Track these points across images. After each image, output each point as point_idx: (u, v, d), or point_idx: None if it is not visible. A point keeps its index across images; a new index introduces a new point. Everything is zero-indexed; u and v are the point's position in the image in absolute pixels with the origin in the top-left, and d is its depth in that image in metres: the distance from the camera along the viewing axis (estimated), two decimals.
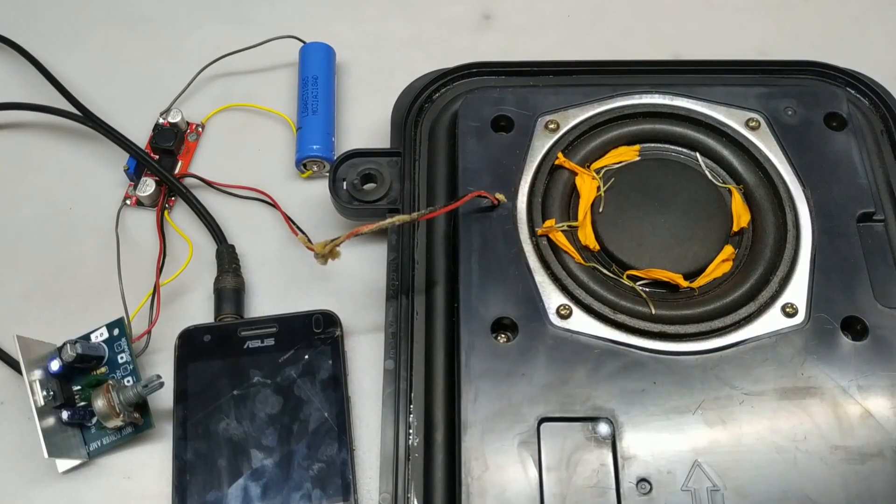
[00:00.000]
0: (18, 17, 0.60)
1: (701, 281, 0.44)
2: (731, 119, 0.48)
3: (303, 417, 0.43)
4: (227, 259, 0.48)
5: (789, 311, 0.42)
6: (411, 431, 0.41)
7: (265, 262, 0.50)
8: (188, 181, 0.52)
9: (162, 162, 0.53)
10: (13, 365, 0.46)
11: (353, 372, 0.46)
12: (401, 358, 0.43)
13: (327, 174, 0.51)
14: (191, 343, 0.45)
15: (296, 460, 0.42)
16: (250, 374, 0.44)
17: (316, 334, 0.45)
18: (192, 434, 0.43)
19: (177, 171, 0.53)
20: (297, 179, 0.53)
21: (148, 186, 0.51)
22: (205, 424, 0.43)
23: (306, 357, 0.44)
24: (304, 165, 0.52)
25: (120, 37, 0.59)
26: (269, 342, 0.45)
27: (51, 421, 0.42)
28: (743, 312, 0.42)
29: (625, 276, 0.44)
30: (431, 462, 0.41)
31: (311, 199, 0.52)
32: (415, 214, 0.42)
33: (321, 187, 0.51)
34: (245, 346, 0.45)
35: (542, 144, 0.47)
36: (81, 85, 0.56)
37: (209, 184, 0.52)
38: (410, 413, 0.42)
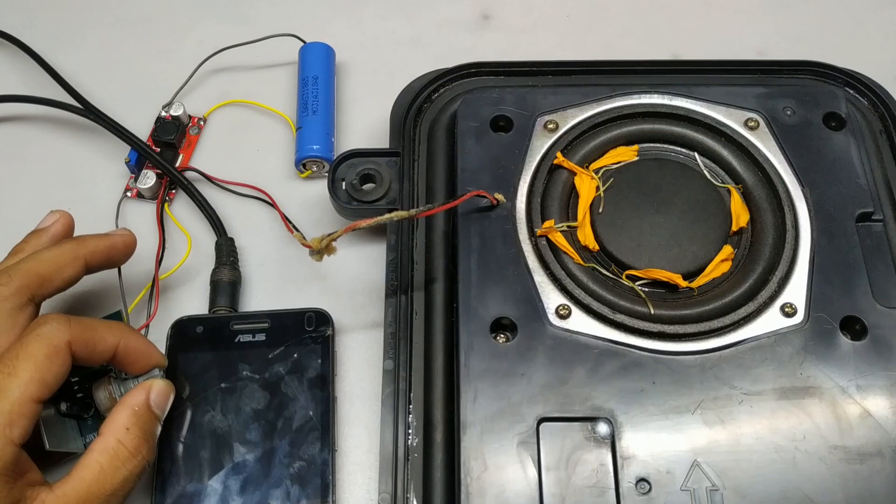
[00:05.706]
0: (20, 15, 0.60)
1: (700, 281, 0.44)
2: (729, 119, 0.48)
3: (287, 415, 0.43)
4: (226, 251, 0.48)
5: (788, 310, 0.42)
6: (410, 431, 0.41)
7: (264, 261, 0.50)
8: (188, 175, 0.52)
9: (163, 154, 0.53)
10: None
11: (351, 372, 0.46)
12: (400, 358, 0.43)
13: (326, 174, 0.51)
14: (183, 333, 0.45)
15: (277, 457, 0.42)
16: (239, 368, 0.44)
17: (307, 332, 0.45)
18: (178, 424, 0.43)
19: (178, 164, 0.53)
20: (297, 179, 0.53)
21: (149, 179, 0.51)
22: (191, 415, 0.43)
23: (295, 355, 0.44)
24: (304, 165, 0.52)
25: (120, 36, 0.59)
26: (261, 337, 0.45)
27: (50, 412, 0.41)
28: (742, 312, 0.42)
29: (624, 276, 0.44)
30: (431, 462, 0.41)
31: (311, 199, 0.52)
32: (413, 211, 0.42)
33: (320, 187, 0.51)
34: (236, 340, 0.45)
35: (541, 144, 0.47)
36: (83, 82, 0.56)
37: (210, 179, 0.52)
38: (410, 413, 0.42)
